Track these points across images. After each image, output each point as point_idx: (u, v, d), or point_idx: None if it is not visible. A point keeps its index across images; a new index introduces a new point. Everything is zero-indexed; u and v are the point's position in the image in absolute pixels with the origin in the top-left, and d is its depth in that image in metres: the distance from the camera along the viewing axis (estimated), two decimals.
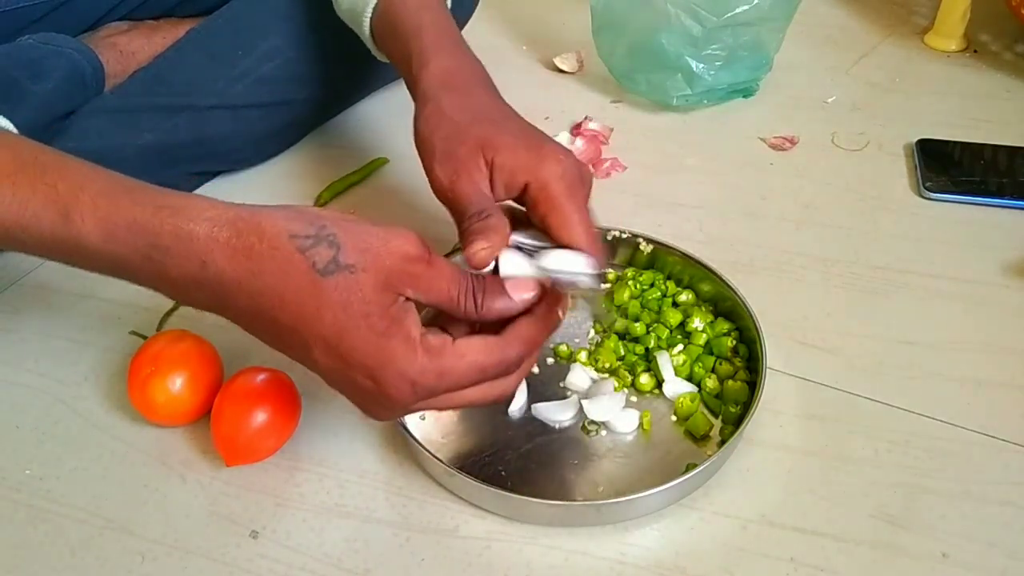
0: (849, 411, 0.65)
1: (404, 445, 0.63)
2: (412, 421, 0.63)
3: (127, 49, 0.89)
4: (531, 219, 0.58)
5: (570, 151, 0.59)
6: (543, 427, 0.64)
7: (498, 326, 0.52)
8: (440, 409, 0.53)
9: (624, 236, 0.75)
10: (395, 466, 0.62)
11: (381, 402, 0.50)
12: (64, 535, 0.59)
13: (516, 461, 0.62)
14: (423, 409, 0.52)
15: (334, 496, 0.61)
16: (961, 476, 0.61)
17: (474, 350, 0.50)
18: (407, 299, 0.49)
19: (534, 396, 0.66)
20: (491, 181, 0.58)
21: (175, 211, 0.49)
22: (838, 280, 0.77)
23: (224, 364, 0.66)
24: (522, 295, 0.53)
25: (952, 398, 0.66)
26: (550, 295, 0.54)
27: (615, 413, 0.64)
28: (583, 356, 0.69)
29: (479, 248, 0.54)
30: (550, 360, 0.69)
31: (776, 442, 0.63)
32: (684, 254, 0.73)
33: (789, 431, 0.64)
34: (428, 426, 0.64)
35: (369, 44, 0.75)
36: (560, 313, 0.54)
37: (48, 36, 0.82)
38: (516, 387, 0.55)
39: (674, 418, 0.65)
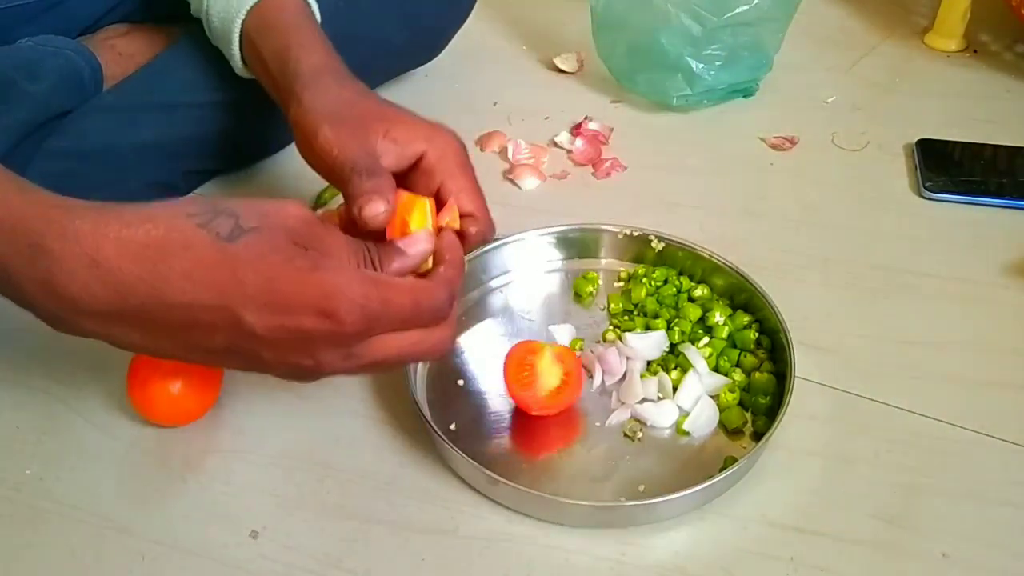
0: (849, 411, 0.65)
1: (404, 445, 0.63)
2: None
3: (126, 51, 0.89)
4: (416, 189, 0.59)
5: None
6: (571, 424, 0.64)
7: None
8: (375, 367, 0.51)
9: (634, 234, 0.75)
10: (395, 466, 0.62)
11: (336, 339, 0.47)
12: (64, 535, 0.59)
13: (542, 459, 0.62)
14: (360, 367, 0.50)
15: (334, 496, 0.60)
16: (961, 476, 0.61)
17: (408, 283, 0.51)
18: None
19: None
20: (380, 152, 0.58)
21: (65, 209, 0.45)
22: (838, 280, 0.77)
23: None
24: (418, 247, 0.53)
25: (952, 398, 0.66)
26: (443, 239, 0.55)
27: (655, 406, 0.64)
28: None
29: (378, 209, 0.53)
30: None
31: (776, 442, 0.63)
32: (694, 249, 0.73)
33: (789, 431, 0.64)
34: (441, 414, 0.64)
35: (235, 51, 0.74)
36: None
37: (47, 38, 0.82)
38: (452, 340, 0.55)
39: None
